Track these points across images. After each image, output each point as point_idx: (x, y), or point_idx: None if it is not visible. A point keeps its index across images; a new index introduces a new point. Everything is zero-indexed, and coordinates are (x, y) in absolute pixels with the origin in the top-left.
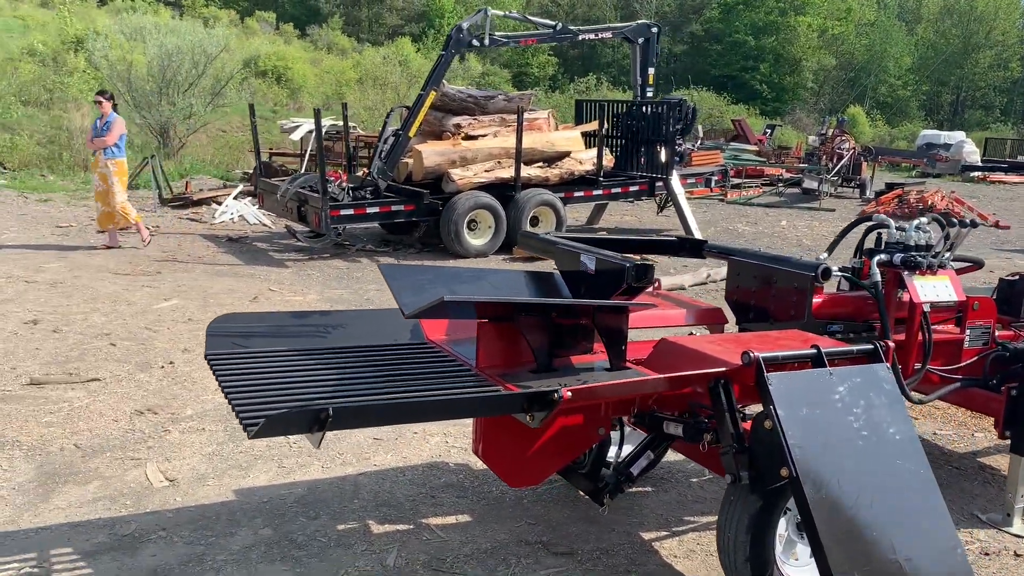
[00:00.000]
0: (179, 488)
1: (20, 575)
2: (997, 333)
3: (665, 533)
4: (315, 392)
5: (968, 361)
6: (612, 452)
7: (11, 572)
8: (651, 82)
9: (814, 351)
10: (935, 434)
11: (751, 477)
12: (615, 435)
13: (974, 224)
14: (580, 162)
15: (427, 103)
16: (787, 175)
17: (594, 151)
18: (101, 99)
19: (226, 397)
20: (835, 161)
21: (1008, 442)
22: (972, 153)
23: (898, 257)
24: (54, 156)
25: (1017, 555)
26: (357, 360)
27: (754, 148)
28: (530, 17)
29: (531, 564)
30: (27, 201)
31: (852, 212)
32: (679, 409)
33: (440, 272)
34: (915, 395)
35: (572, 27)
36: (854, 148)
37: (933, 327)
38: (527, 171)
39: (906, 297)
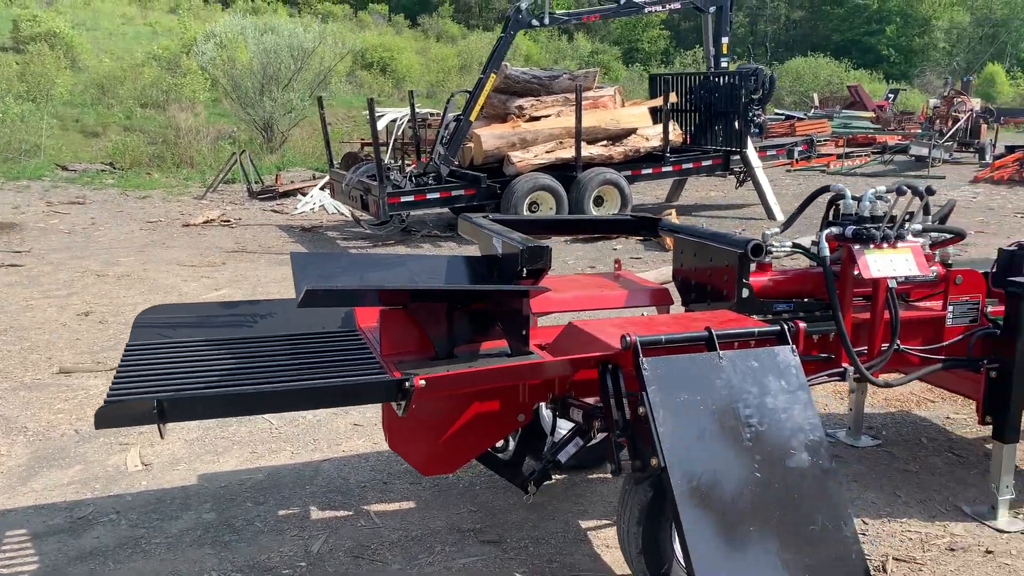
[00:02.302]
0: (150, 472)
1: None
2: (989, 309)
3: (606, 522)
4: (199, 383)
5: (951, 340)
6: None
7: None
8: (725, 51)
9: (705, 333)
10: (948, 419)
11: (635, 467)
12: (549, 422)
13: (930, 191)
14: (647, 139)
15: (487, 87)
16: (895, 142)
17: (661, 127)
18: None
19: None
20: (951, 125)
21: (990, 428)
22: None
23: (850, 230)
24: (161, 155)
25: (988, 552)
26: (268, 349)
27: (870, 115)
28: None
29: (454, 552)
30: (127, 198)
31: (968, 179)
32: (595, 395)
33: (357, 260)
34: (883, 378)
35: (637, 0)
36: (971, 110)
37: (915, 303)
38: (590, 150)
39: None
